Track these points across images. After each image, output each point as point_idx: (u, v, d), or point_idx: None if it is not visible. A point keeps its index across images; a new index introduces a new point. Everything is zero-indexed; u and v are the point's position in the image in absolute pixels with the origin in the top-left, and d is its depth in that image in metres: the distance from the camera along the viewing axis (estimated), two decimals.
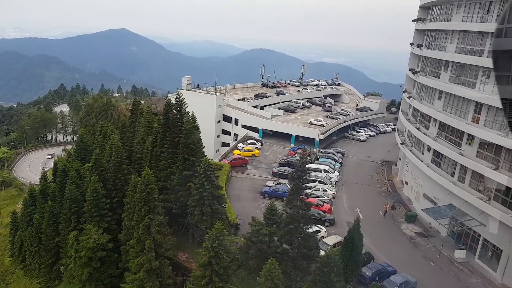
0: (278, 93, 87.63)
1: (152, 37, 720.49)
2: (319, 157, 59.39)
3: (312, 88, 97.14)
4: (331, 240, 36.85)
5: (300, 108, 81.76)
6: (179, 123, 37.58)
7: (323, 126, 67.92)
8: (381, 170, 58.32)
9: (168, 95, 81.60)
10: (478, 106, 35.84)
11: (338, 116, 75.55)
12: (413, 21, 49.05)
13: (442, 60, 41.40)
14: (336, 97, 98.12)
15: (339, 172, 54.76)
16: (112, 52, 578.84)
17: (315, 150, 63.91)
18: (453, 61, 39.45)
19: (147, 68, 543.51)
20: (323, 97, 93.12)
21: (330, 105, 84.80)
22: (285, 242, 30.31)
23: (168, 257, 34.60)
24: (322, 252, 32.19)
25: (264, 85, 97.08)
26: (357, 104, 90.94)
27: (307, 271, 29.10)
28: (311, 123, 70.02)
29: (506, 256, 33.26)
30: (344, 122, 74.21)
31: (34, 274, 48.25)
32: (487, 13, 35.16)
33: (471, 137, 36.52)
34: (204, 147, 47.30)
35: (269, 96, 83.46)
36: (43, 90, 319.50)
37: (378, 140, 73.48)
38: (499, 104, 31.55)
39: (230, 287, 29.82)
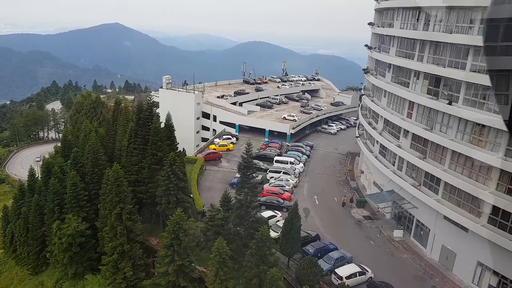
0: (257, 90, 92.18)
1: (146, 32, 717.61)
2: (288, 150, 64.16)
3: (291, 84, 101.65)
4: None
5: (277, 104, 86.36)
6: (149, 123, 42.17)
7: (295, 121, 72.61)
8: (345, 161, 63.20)
9: (151, 93, 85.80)
10: (411, 103, 40.63)
11: (311, 111, 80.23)
12: (368, 24, 53.53)
13: (386, 62, 46.07)
14: (314, 92, 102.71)
15: (304, 164, 59.54)
16: (106, 47, 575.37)
17: (286, 143, 68.71)
18: (393, 64, 44.13)
19: (142, 63, 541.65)
20: (301, 93, 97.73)
21: (306, 100, 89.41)
22: (236, 225, 35.20)
23: (139, 241, 39.42)
24: (272, 234, 37.31)
25: (246, 82, 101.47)
26: (333, 99, 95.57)
27: None
28: (284, 118, 74.71)
29: (433, 234, 38.31)
30: (316, 116, 78.88)
31: (24, 262, 52.95)
32: (417, 21, 39.79)
33: (406, 131, 41.35)
34: (178, 143, 52.14)
35: (248, 93, 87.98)
36: (36, 87, 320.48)
37: (348, 133, 78.15)
38: (425, 103, 36.44)
39: (189, 264, 34.74)
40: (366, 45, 54.20)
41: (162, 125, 45.55)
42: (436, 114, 37.04)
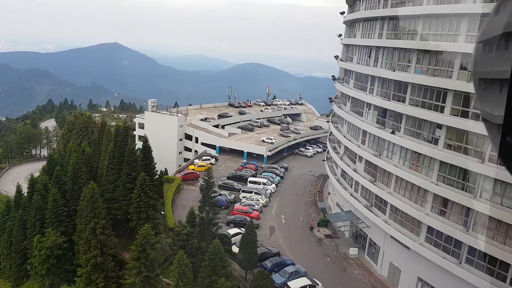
0: (241, 113, 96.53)
1: (144, 51, 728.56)
2: (263, 171, 67.90)
3: (273, 108, 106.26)
4: None
5: (258, 127, 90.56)
6: (125, 144, 46.00)
7: (273, 144, 76.63)
8: (316, 183, 66.91)
9: (137, 115, 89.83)
10: (364, 132, 44.72)
11: (289, 135, 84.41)
12: (334, 57, 58.18)
13: (345, 93, 50.48)
14: (296, 116, 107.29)
15: (277, 185, 63.20)
16: (104, 66, 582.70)
17: (263, 165, 72.53)
18: (350, 95, 48.50)
19: (139, 82, 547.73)
20: (283, 116, 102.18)
21: (286, 124, 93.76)
22: (199, 240, 38.58)
23: (112, 255, 42.64)
24: (236, 249, 40.73)
25: (231, 105, 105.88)
26: (313, 123, 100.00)
27: None
28: (263, 141, 78.74)
29: (382, 252, 41.82)
30: (294, 140, 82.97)
31: (7, 275, 55.63)
32: (369, 58, 44.32)
33: (360, 157, 45.32)
34: (155, 163, 55.86)
35: (230, 116, 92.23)
36: (33, 104, 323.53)
37: (324, 156, 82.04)
38: (374, 131, 40.43)
39: (155, 276, 37.93)
40: (332, 76, 58.75)
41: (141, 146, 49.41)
42: (383, 142, 41.08)
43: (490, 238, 30.19)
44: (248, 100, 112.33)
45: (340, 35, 56.29)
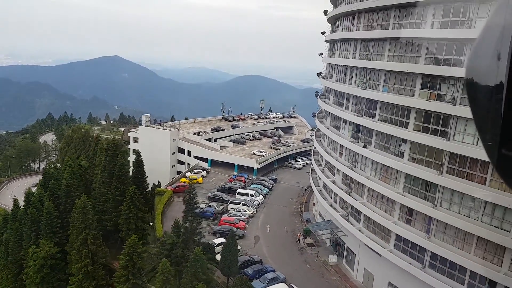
0: (233, 126, 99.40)
1: (144, 64, 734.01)
2: (252, 184, 70.44)
3: (266, 122, 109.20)
4: None
5: (250, 140, 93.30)
6: (114, 159, 48.74)
7: (263, 156, 79.29)
8: (303, 194, 69.38)
9: (131, 130, 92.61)
10: (341, 146, 47.44)
11: (280, 147, 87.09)
12: (317, 74, 61.17)
13: (325, 109, 53.31)
14: (288, 129, 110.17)
15: (264, 196, 65.66)
16: (104, 79, 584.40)
17: (253, 177, 75.10)
18: (329, 111, 51.36)
19: (139, 95, 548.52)
20: (275, 129, 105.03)
21: (278, 137, 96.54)
22: (184, 249, 41.02)
23: (103, 264, 45.01)
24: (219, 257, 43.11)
25: (225, 119, 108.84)
26: (305, 136, 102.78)
27: None
28: (254, 153, 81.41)
29: (358, 259, 44.19)
30: (284, 152, 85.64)
31: (3, 285, 57.84)
32: (345, 76, 47.29)
33: (338, 169, 47.96)
34: (147, 176, 58.53)
35: (223, 130, 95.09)
36: (33, 117, 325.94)
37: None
38: (348, 145, 43.02)
39: (142, 283, 40.29)
40: (316, 93, 61.69)
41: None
42: (357, 155, 43.75)
43: (450, 244, 32.70)
44: (241, 114, 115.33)
45: (321, 54, 59.41)
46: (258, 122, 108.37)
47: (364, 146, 41.33)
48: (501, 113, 1.95)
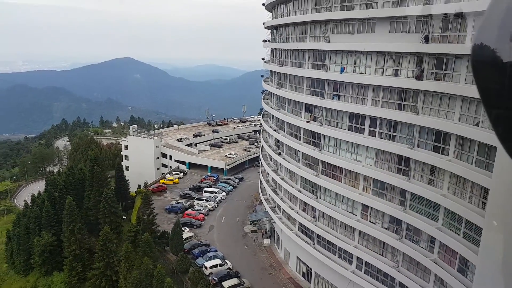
0: (214, 131, 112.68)
1: (155, 64, 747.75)
2: (220, 182, 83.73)
3: (245, 125, 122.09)
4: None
5: (228, 143, 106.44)
6: (97, 168, 62.79)
7: (233, 158, 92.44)
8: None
9: (123, 139, 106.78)
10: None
11: (251, 149, 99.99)
12: (260, 76, 73.25)
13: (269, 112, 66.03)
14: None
15: (227, 193, 78.85)
16: (118, 80, 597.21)
17: (223, 177, 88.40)
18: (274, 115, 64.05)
19: (152, 94, 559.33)
20: (253, 132, 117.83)
21: (254, 139, 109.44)
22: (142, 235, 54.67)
23: (87, 249, 59.12)
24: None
25: (209, 124, 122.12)
26: None
27: None
28: (226, 156, 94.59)
29: (281, 240, 57.10)
30: (254, 154, 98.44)
31: (18, 269, 73.01)
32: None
33: (283, 167, 60.78)
34: (128, 180, 72.42)
35: (204, 135, 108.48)
36: (51, 121, 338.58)
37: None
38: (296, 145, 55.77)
39: (113, 262, 54.13)
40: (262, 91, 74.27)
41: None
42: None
43: (331, 228, 45.33)
44: (224, 119, 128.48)
45: (263, 58, 71.05)
46: (238, 126, 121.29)
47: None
48: None
